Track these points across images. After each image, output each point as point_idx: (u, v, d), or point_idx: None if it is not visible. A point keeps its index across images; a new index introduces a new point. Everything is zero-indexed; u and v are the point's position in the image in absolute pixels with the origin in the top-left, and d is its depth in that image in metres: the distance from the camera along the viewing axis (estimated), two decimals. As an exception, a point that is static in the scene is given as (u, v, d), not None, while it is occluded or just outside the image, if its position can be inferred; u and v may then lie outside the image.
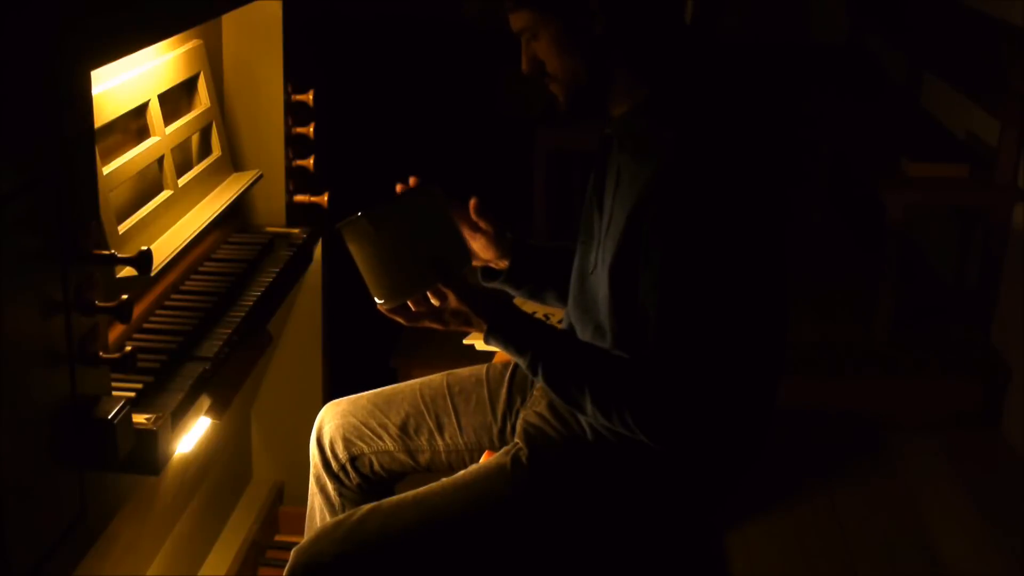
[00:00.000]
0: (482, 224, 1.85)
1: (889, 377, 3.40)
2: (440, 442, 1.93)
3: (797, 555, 2.70)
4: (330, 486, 1.97)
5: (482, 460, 1.88)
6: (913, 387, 3.37)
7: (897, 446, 3.16)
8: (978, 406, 3.30)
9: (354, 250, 1.64)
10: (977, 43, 3.63)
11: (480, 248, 1.87)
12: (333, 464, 1.96)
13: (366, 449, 1.94)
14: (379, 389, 1.99)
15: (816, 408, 3.21)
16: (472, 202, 1.83)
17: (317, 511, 2.00)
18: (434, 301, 1.64)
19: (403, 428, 1.93)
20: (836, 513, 2.85)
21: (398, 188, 1.74)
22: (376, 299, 1.67)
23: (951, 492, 2.96)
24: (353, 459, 1.95)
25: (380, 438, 1.93)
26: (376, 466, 1.95)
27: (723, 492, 1.72)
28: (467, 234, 1.85)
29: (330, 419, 1.97)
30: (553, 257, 1.87)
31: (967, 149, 3.65)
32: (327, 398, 2.07)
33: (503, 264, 1.88)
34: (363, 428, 1.94)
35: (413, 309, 1.66)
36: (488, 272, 1.91)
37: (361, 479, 1.96)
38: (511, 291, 1.92)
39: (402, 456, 1.94)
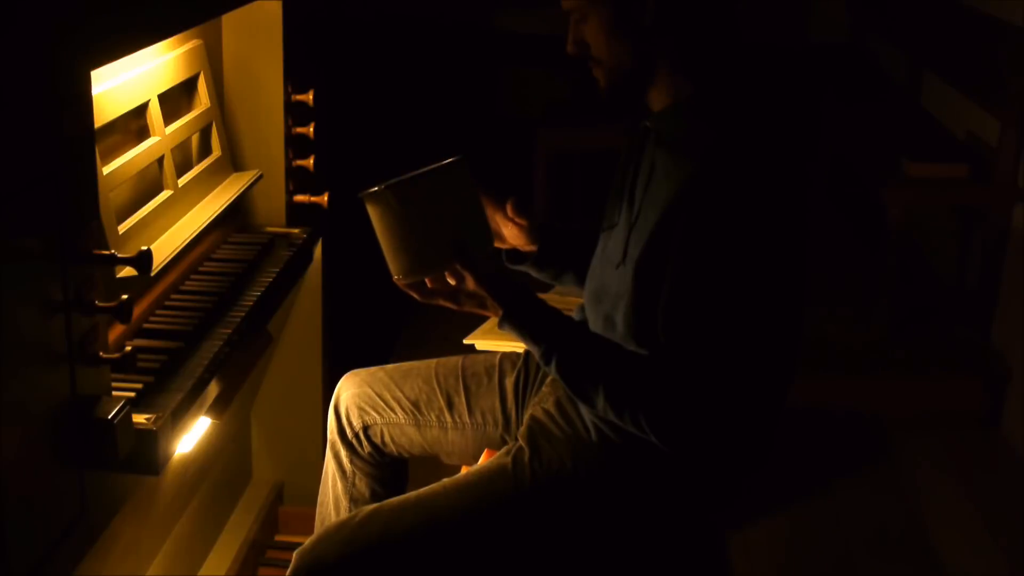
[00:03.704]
0: (520, 220, 1.86)
1: (889, 377, 3.40)
2: (448, 419, 1.95)
3: (797, 555, 2.70)
4: (343, 453, 2.00)
5: (482, 460, 1.88)
6: (913, 387, 3.37)
7: (897, 446, 3.16)
8: (978, 406, 3.30)
9: (374, 221, 1.63)
10: (977, 43, 3.63)
11: (512, 235, 1.88)
12: (348, 431, 1.99)
13: (378, 420, 1.97)
14: (397, 364, 2.03)
15: (816, 408, 3.21)
16: (510, 203, 1.84)
17: (330, 478, 2.03)
18: (451, 281, 1.64)
19: (415, 403, 1.96)
20: (836, 513, 2.85)
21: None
22: (392, 273, 1.66)
23: (951, 492, 2.96)
24: (366, 428, 1.98)
25: (392, 410, 1.96)
26: (387, 437, 1.98)
27: (726, 494, 1.72)
28: (501, 222, 1.86)
29: (347, 388, 2.01)
30: (579, 241, 1.88)
31: (967, 149, 3.65)
32: (327, 398, 2.07)
33: (531, 248, 1.89)
34: (377, 399, 1.97)
35: (429, 286, 1.66)
36: (514, 255, 1.92)
37: (373, 449, 1.99)
38: (534, 273, 1.92)
39: (411, 430, 1.96)
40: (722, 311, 1.50)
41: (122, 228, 1.69)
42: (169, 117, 1.91)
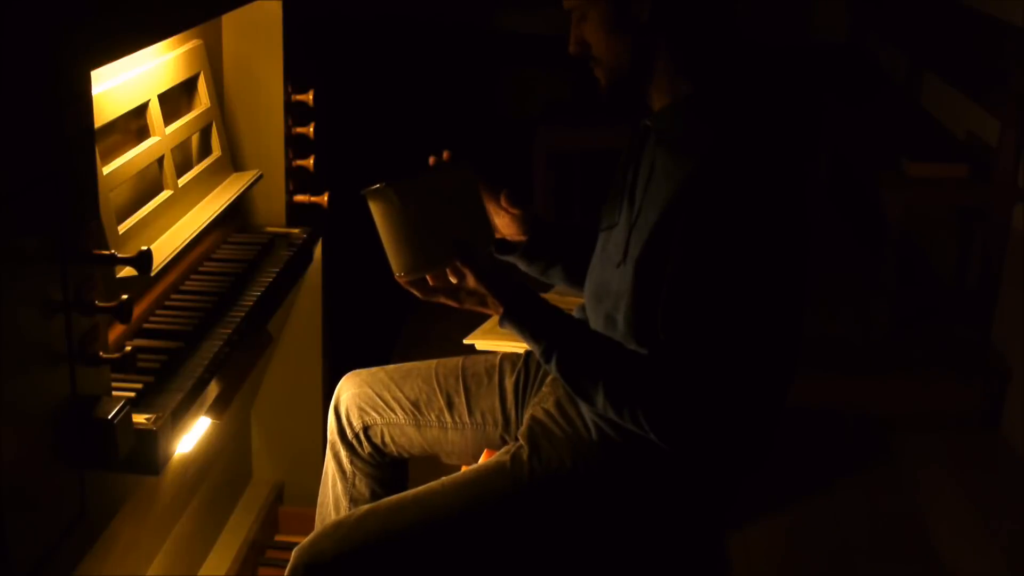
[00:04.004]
0: (513, 210, 1.86)
1: (889, 377, 3.40)
2: (448, 419, 1.95)
3: (797, 555, 2.70)
4: (343, 454, 2.00)
5: (482, 459, 1.88)
6: (913, 387, 3.37)
7: (897, 446, 3.16)
8: (978, 406, 3.30)
9: (376, 219, 1.64)
10: (977, 43, 3.63)
11: (503, 225, 1.88)
12: (348, 432, 1.99)
13: (379, 420, 1.97)
14: (398, 364, 2.04)
15: (816, 408, 3.21)
16: (503, 194, 1.84)
17: (330, 479, 2.03)
18: (452, 279, 1.65)
19: (415, 404, 1.96)
20: (836, 513, 2.85)
21: (431, 160, 1.74)
22: (393, 270, 1.66)
23: (951, 492, 2.96)
24: (366, 428, 1.98)
25: (392, 410, 1.96)
26: (387, 438, 1.98)
27: (727, 494, 1.72)
28: (494, 211, 1.86)
29: (347, 388, 2.01)
30: (569, 237, 1.89)
31: (967, 149, 3.65)
32: (327, 398, 2.07)
33: (520, 239, 1.89)
34: (377, 399, 1.97)
35: (431, 283, 1.66)
36: (503, 245, 1.92)
37: (373, 449, 1.99)
38: (522, 265, 1.93)
39: (411, 430, 1.97)
40: (721, 309, 1.50)
41: (122, 228, 1.69)
42: (169, 117, 1.91)
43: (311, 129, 2.27)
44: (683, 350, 1.51)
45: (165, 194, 1.87)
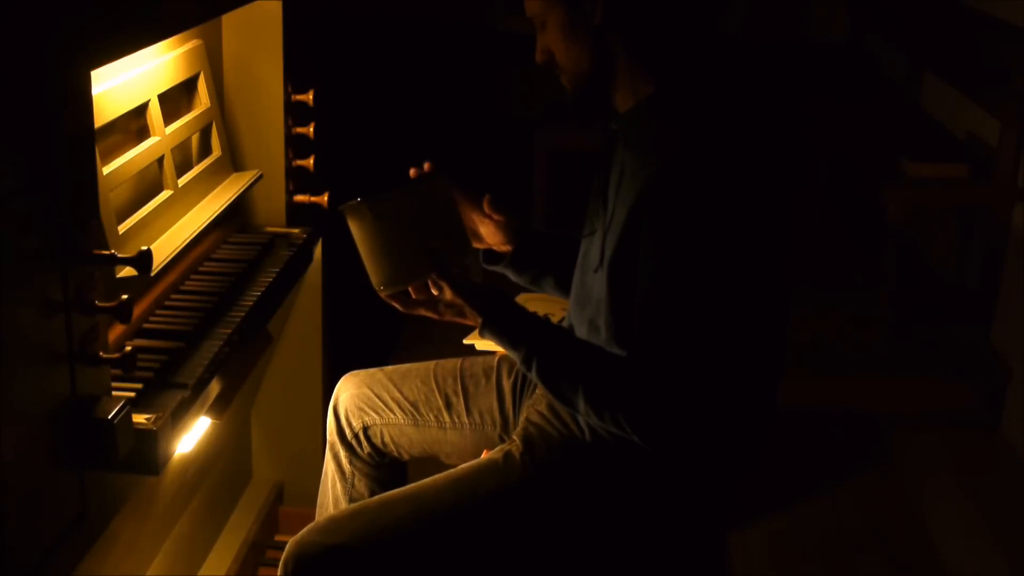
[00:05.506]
0: (495, 216, 1.86)
1: (889, 377, 3.40)
2: (447, 419, 1.96)
3: (797, 555, 2.70)
4: (343, 455, 2.01)
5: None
6: (913, 387, 3.37)
7: (897, 446, 3.16)
8: (978, 406, 3.30)
9: (354, 234, 1.66)
10: (977, 43, 3.63)
11: (488, 233, 1.89)
12: (347, 432, 2.00)
13: (378, 420, 1.98)
14: (396, 365, 2.04)
15: (816, 408, 3.21)
16: (486, 199, 1.85)
17: (329, 479, 2.04)
18: (432, 290, 1.66)
19: (414, 404, 1.97)
20: (836, 513, 2.85)
21: (412, 172, 1.74)
22: (373, 284, 1.68)
23: (951, 492, 2.96)
24: (365, 428, 1.99)
25: (391, 411, 1.97)
26: (386, 438, 1.98)
27: (722, 494, 1.72)
28: (477, 219, 1.87)
29: (346, 389, 2.01)
30: (557, 245, 1.89)
31: (967, 149, 3.65)
32: (327, 398, 2.08)
33: (507, 248, 1.89)
34: (376, 400, 1.98)
35: (413, 296, 1.67)
36: (490, 255, 1.92)
37: (372, 449, 2.00)
38: (512, 275, 1.93)
39: (410, 430, 1.97)
40: (690, 307, 1.50)
41: (122, 228, 1.69)
42: (169, 117, 1.91)
43: (311, 129, 2.27)
44: (658, 350, 1.50)
45: (165, 194, 1.87)
